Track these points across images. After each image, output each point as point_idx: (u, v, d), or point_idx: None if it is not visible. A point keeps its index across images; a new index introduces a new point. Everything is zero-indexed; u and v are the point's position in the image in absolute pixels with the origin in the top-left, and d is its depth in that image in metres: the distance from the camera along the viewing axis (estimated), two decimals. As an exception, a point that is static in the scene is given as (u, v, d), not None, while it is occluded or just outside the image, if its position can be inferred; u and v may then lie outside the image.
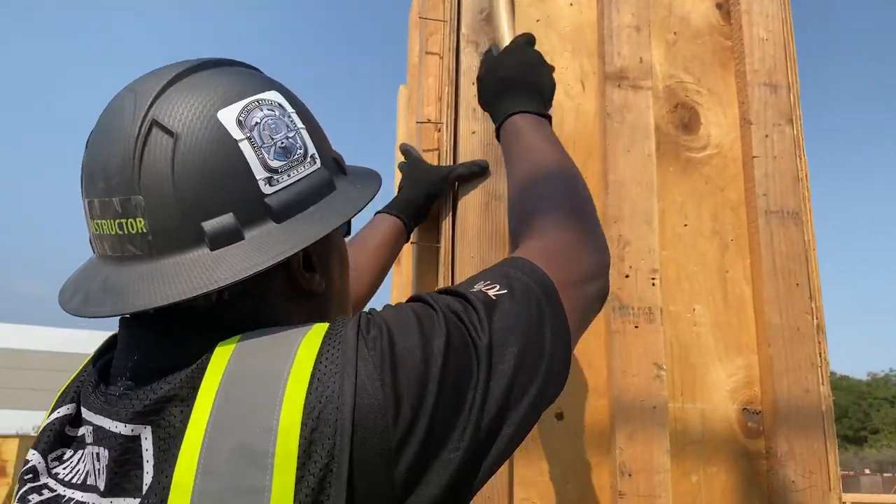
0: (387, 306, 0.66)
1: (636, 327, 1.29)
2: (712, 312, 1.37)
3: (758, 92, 1.45)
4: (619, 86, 1.41)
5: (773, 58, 1.46)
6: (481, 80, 1.15)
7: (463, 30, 1.41)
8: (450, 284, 1.27)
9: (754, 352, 1.35)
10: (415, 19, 1.94)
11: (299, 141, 0.68)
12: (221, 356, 0.58)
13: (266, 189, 0.65)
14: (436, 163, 1.44)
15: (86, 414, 0.64)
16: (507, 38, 1.18)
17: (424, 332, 0.60)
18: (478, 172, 1.31)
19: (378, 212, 1.37)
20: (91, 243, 0.67)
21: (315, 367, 0.56)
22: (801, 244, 1.36)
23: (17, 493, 0.65)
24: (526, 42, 1.15)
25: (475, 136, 1.35)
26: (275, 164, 0.65)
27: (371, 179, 0.76)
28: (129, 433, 0.57)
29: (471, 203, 1.32)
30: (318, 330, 0.60)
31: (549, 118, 1.06)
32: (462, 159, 1.34)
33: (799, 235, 1.37)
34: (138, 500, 0.55)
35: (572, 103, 1.44)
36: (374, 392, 0.56)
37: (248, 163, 0.64)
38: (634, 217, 1.35)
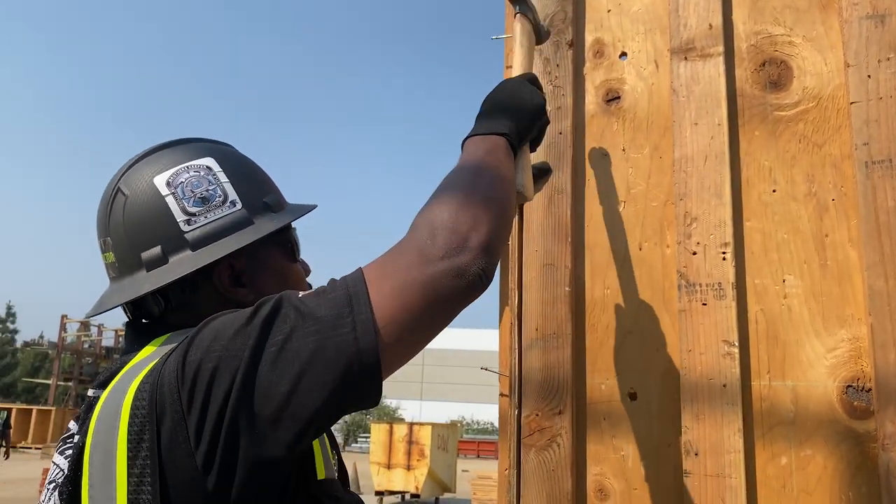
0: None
1: (704, 304, 1.26)
2: (807, 282, 1.25)
3: (857, 28, 1.28)
4: (685, 58, 1.38)
5: (877, -15, 1.27)
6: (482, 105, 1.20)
7: (528, 39, 1.51)
8: (517, 277, 1.40)
9: (863, 323, 1.20)
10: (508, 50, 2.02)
11: (220, 191, 0.95)
12: (143, 353, 0.87)
13: (185, 228, 0.92)
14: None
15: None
16: (516, 72, 1.24)
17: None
18: (540, 175, 1.38)
19: None
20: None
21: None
22: (913, 196, 1.18)
23: (57, 447, 0.97)
24: (525, 78, 1.14)
25: (538, 136, 1.45)
26: (193, 209, 0.93)
27: (289, 215, 0.99)
28: (93, 395, 0.89)
29: (535, 198, 1.42)
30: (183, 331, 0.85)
31: (512, 140, 1.02)
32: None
33: (911, 186, 1.18)
34: (83, 434, 0.85)
35: (645, 84, 1.44)
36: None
37: (170, 210, 0.93)
38: (702, 191, 1.31)
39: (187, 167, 0.96)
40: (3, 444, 14.19)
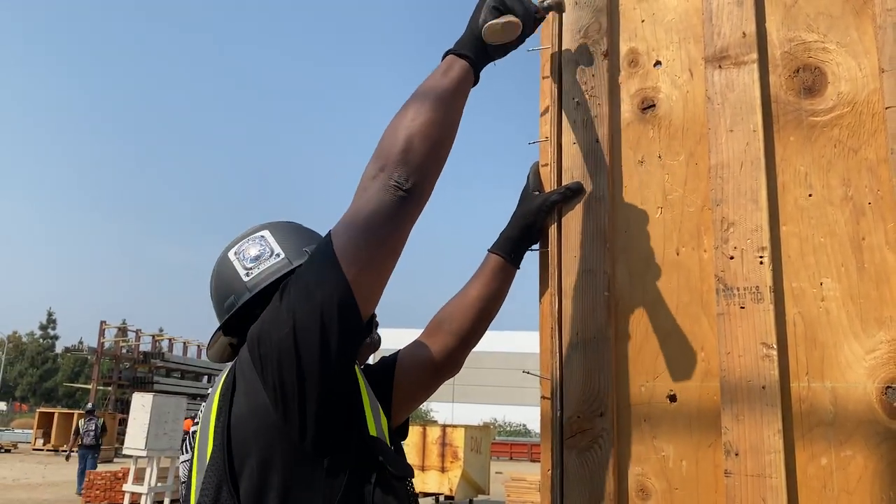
0: None
1: (742, 308, 1.29)
2: (844, 285, 1.27)
3: (892, 33, 1.30)
4: (719, 67, 1.41)
5: (911, -10, 1.29)
6: None
7: (564, 50, 1.55)
8: (557, 283, 1.44)
9: (902, 324, 1.22)
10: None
11: (268, 249, 1.32)
12: None
13: (245, 278, 1.30)
14: (549, 176, 1.59)
15: None
16: None
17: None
18: (571, 195, 1.43)
19: (489, 249, 1.54)
20: None
21: None
22: (950, 198, 1.19)
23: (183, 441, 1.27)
24: None
25: (575, 146, 1.49)
26: (250, 265, 1.30)
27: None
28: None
29: (573, 205, 1.46)
30: None
31: (465, 53, 1.25)
32: (565, 169, 1.49)
33: (948, 189, 1.20)
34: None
35: (680, 92, 1.47)
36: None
37: (236, 269, 1.32)
38: (739, 197, 1.34)
39: (248, 240, 1.34)
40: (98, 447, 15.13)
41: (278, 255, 1.30)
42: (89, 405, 16.95)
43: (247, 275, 1.28)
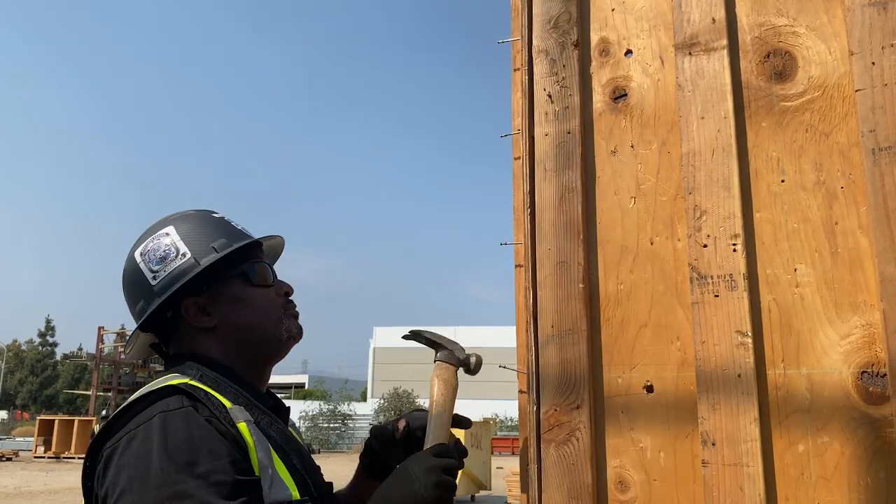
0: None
1: (716, 296, 1.28)
2: (818, 271, 1.26)
3: (860, 16, 1.28)
4: (689, 54, 1.40)
5: (879, -29, 1.28)
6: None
7: (534, 41, 1.54)
8: (531, 276, 1.43)
9: (876, 309, 1.21)
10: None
11: (173, 249, 1.24)
12: (160, 379, 1.12)
13: (153, 282, 1.23)
14: (521, 169, 1.57)
15: None
16: (428, 442, 1.23)
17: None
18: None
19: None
20: None
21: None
22: (921, 180, 1.18)
23: None
24: (433, 454, 1.18)
25: (548, 137, 1.48)
26: (156, 267, 1.23)
27: (226, 249, 1.25)
28: None
29: (546, 197, 1.45)
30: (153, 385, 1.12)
31: None
32: (537, 161, 1.47)
33: (919, 171, 1.19)
34: None
35: (651, 81, 1.46)
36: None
37: (143, 272, 1.25)
38: (711, 184, 1.32)
39: (153, 238, 1.27)
40: None
41: (184, 254, 1.24)
42: (104, 412, 16.93)
43: (154, 278, 1.23)
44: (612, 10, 1.52)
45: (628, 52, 1.49)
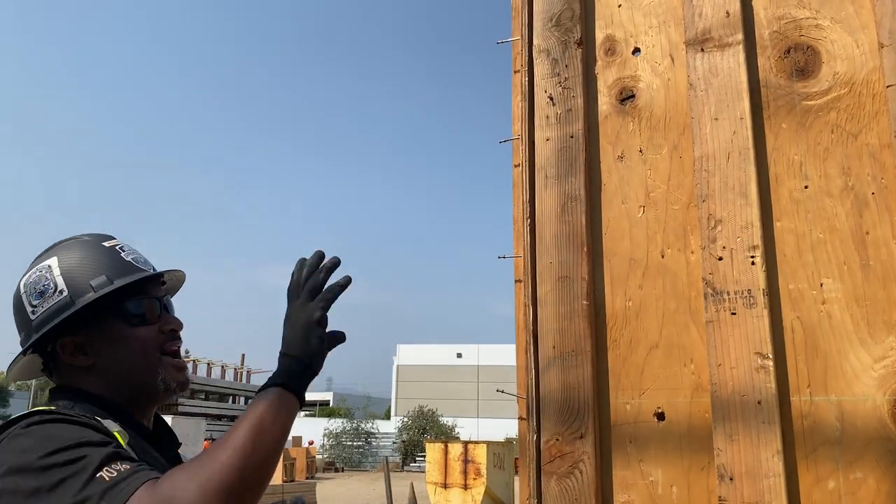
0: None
1: (733, 314, 1.16)
2: (848, 286, 1.14)
3: (891, 4, 1.17)
4: (701, 50, 1.29)
5: (910, -44, 1.16)
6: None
7: (535, 40, 1.44)
8: (531, 292, 1.32)
9: (914, 328, 1.08)
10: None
11: (52, 284, 1.18)
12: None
13: (32, 316, 1.18)
14: (521, 176, 1.46)
15: None
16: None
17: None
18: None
19: None
20: None
21: None
22: (962, 184, 1.06)
23: None
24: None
25: (549, 142, 1.37)
26: (35, 302, 1.18)
27: (103, 291, 1.17)
28: None
29: (547, 207, 1.34)
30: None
31: (301, 394, 1.05)
32: (538, 168, 1.37)
33: (959, 173, 1.06)
34: None
35: (661, 80, 1.35)
36: None
37: (24, 305, 1.19)
38: (726, 191, 1.21)
39: (35, 270, 1.22)
40: None
41: (61, 291, 1.19)
42: None
43: (33, 313, 1.19)
44: (619, 5, 1.42)
45: (636, 50, 1.38)
